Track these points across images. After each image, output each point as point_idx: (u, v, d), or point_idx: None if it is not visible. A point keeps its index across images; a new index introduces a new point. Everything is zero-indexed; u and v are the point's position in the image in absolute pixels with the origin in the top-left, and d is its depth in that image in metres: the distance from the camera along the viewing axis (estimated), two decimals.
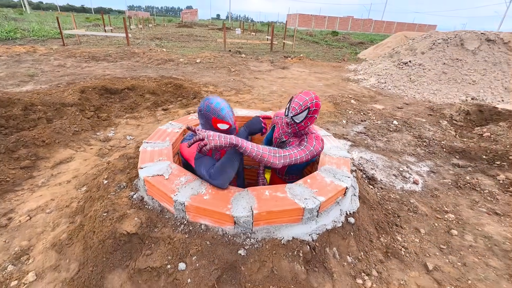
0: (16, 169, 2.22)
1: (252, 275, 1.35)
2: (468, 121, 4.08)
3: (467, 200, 2.32)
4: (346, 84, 6.44)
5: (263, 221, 1.46)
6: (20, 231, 1.70)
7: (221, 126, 1.50)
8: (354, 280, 1.44)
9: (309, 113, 1.50)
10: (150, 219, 1.54)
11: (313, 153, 1.58)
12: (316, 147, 1.59)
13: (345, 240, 1.61)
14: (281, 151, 1.53)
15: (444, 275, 1.52)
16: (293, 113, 1.51)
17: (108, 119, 3.36)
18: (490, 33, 6.35)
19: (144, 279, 1.36)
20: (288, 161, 1.52)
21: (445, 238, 1.84)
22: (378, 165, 2.88)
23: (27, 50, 7.58)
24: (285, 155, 1.52)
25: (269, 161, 1.47)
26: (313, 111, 1.50)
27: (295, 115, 1.51)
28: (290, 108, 1.55)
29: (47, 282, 1.38)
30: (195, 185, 1.58)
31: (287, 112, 1.56)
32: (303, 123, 1.54)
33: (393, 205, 2.19)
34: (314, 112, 1.51)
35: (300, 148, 1.58)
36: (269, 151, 1.48)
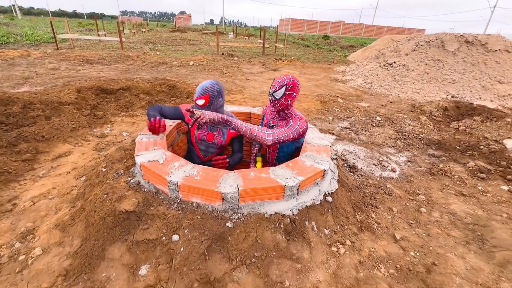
0: (18, 162, 2.35)
1: (238, 244, 1.52)
2: (446, 116, 4.34)
3: (438, 184, 2.54)
4: (334, 85, 6.70)
5: (248, 198, 1.64)
6: (25, 214, 1.84)
7: (198, 101, 1.82)
8: (330, 248, 1.62)
9: (287, 90, 1.71)
10: (146, 199, 1.70)
11: (299, 130, 1.82)
12: (301, 125, 1.83)
13: (323, 216, 1.79)
14: (269, 130, 1.76)
15: (409, 243, 1.71)
16: (273, 90, 1.73)
17: (104, 117, 3.50)
18: (468, 35, 6.71)
19: (141, 250, 1.52)
20: (277, 138, 1.76)
21: (415, 215, 2.05)
22: (360, 156, 3.09)
23: (21, 54, 7.65)
24: (273, 132, 1.76)
25: (259, 136, 1.71)
26: (290, 88, 1.72)
27: (275, 92, 1.73)
28: (271, 87, 1.77)
29: (52, 256, 1.53)
30: (187, 169, 1.75)
31: (269, 92, 1.80)
32: (283, 100, 1.76)
33: (371, 189, 2.39)
34: (292, 89, 1.73)
35: (287, 127, 1.82)
36: (258, 128, 1.72)
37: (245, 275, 1.42)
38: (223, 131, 2.02)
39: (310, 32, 47.70)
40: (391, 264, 1.54)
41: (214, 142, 2.03)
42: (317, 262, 1.52)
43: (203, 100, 1.80)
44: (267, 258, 1.49)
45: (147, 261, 1.48)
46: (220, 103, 1.89)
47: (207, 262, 1.46)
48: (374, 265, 1.53)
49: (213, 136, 2.02)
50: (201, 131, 2.02)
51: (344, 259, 1.56)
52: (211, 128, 2.01)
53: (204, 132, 2.02)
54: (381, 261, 1.56)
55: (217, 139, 2.03)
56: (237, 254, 1.48)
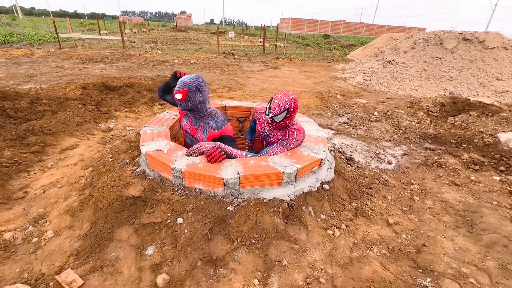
0: (27, 153, 2.45)
1: (239, 227, 1.61)
2: (443, 112, 4.42)
3: (432, 175, 2.63)
4: (334, 82, 6.79)
5: (248, 184, 1.73)
6: (36, 201, 1.94)
7: (177, 96, 1.72)
8: (326, 231, 1.71)
9: (288, 113, 1.70)
10: (151, 185, 1.80)
11: (297, 143, 1.92)
12: (299, 137, 1.89)
13: (319, 202, 1.88)
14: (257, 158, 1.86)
15: (401, 227, 1.80)
16: (273, 114, 1.69)
17: (109, 112, 3.60)
18: (466, 33, 6.78)
19: (147, 232, 1.61)
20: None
21: (408, 203, 2.13)
22: (357, 149, 3.17)
23: (24, 53, 7.76)
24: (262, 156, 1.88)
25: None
26: (291, 111, 1.71)
27: (275, 115, 1.70)
28: (270, 109, 1.71)
29: (64, 238, 1.62)
30: (190, 157, 1.84)
31: (268, 112, 1.76)
32: (282, 122, 1.76)
33: (367, 180, 2.47)
34: (293, 112, 1.72)
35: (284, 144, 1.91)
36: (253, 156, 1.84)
37: (245, 255, 1.51)
38: (204, 128, 1.92)
39: (311, 32, 47.70)
40: (384, 246, 1.63)
41: (196, 137, 1.98)
42: (313, 244, 1.61)
43: (181, 94, 1.70)
44: (266, 239, 1.58)
45: (153, 242, 1.57)
46: (199, 98, 1.77)
47: (210, 242, 1.55)
48: (367, 246, 1.62)
49: (195, 131, 1.96)
50: (186, 123, 1.98)
51: (339, 241, 1.64)
52: (194, 123, 1.94)
53: (188, 125, 1.97)
54: (374, 243, 1.65)
55: (198, 135, 1.96)
56: (238, 236, 1.58)
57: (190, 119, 1.99)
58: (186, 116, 2.01)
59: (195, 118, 1.93)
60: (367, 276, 1.37)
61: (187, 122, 2.00)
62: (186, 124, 2.01)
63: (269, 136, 2.03)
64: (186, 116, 2.01)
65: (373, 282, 1.33)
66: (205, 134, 1.96)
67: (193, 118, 1.96)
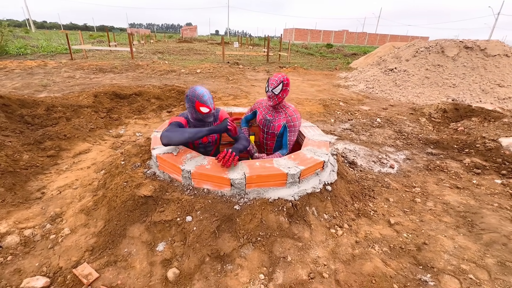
0: (44, 157, 2.58)
1: (245, 225, 1.68)
2: (445, 118, 4.47)
3: (434, 178, 2.67)
4: (337, 90, 6.90)
5: (254, 184, 1.81)
6: (53, 201, 2.04)
7: (203, 109, 1.82)
8: (329, 230, 1.77)
9: (283, 85, 2.01)
10: (162, 186, 1.89)
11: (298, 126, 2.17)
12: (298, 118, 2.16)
13: (323, 202, 1.95)
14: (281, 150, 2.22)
15: (403, 227, 1.85)
16: (272, 87, 2.00)
17: (119, 119, 3.75)
18: (467, 41, 6.88)
19: (158, 229, 1.70)
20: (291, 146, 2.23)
21: (410, 205, 2.18)
22: (360, 154, 3.24)
23: (38, 64, 8.10)
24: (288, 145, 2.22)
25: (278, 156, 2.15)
26: (285, 83, 2.03)
27: (274, 88, 2.01)
28: (269, 85, 2.02)
29: (80, 235, 1.71)
30: (199, 159, 1.94)
31: (268, 88, 2.04)
32: (280, 94, 2.03)
33: (369, 183, 2.53)
34: (287, 85, 2.04)
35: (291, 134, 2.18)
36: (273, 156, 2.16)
37: (251, 251, 1.58)
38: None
39: (314, 41, 48.40)
40: (385, 244, 1.68)
41: (209, 141, 2.09)
42: (316, 241, 1.67)
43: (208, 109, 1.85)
44: (271, 237, 1.65)
45: (163, 239, 1.66)
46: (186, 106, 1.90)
47: (217, 239, 1.63)
48: (369, 244, 1.67)
49: (206, 137, 2.05)
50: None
51: (341, 239, 1.70)
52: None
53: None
54: (375, 242, 1.70)
55: (210, 138, 2.08)
56: (244, 233, 1.65)
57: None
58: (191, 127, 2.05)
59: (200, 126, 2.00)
60: (368, 271, 1.42)
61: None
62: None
63: (271, 121, 2.18)
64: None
65: (374, 277, 1.38)
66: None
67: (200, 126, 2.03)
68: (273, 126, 2.21)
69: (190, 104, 1.84)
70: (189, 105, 1.85)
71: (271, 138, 2.28)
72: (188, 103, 1.86)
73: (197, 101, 1.82)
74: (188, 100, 1.85)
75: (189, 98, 1.84)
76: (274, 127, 2.22)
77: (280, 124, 2.18)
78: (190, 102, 1.84)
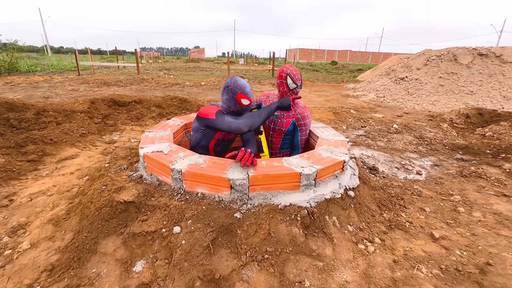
0: (23, 162, 2.29)
1: (248, 238, 1.31)
2: (469, 124, 4.08)
3: (473, 185, 2.26)
4: (346, 99, 6.61)
5: (259, 186, 1.46)
6: (20, 209, 1.72)
7: (244, 101, 1.70)
8: (356, 246, 1.37)
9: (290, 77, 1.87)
10: (147, 190, 1.55)
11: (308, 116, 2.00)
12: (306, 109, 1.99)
13: (345, 211, 1.57)
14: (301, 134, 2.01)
15: (452, 242, 1.44)
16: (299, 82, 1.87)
17: (115, 125, 3.49)
18: (481, 48, 6.62)
19: (138, 243, 1.34)
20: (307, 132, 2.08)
21: (452, 215, 1.77)
22: (380, 160, 2.85)
23: (44, 79, 8.15)
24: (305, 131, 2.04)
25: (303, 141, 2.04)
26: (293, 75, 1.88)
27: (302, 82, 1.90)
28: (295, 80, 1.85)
29: (41, 250, 1.36)
30: (193, 158, 1.62)
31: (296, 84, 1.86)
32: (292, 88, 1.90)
33: (396, 190, 2.13)
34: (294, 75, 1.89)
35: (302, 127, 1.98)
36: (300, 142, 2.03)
37: (257, 273, 1.20)
38: None
39: (318, 60, 49.28)
40: (434, 264, 1.27)
41: (229, 138, 1.91)
42: (342, 260, 1.27)
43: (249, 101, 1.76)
44: (282, 254, 1.27)
45: (143, 256, 1.29)
46: (222, 98, 1.76)
47: (212, 257, 1.25)
48: (412, 265, 1.26)
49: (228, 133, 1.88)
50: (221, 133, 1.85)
51: (374, 258, 1.30)
52: None
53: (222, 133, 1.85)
54: (420, 261, 1.29)
55: (230, 134, 1.89)
56: (247, 249, 1.27)
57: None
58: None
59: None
60: None
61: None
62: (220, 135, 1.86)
63: (278, 116, 1.97)
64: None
65: None
66: None
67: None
68: (281, 123, 1.96)
69: (231, 95, 1.70)
70: (229, 96, 1.71)
71: (277, 135, 2.01)
72: (228, 94, 1.71)
73: (239, 92, 1.68)
74: (229, 91, 1.70)
75: (230, 88, 1.69)
76: (282, 124, 1.96)
77: (289, 121, 1.96)
78: (231, 93, 1.70)
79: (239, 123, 1.60)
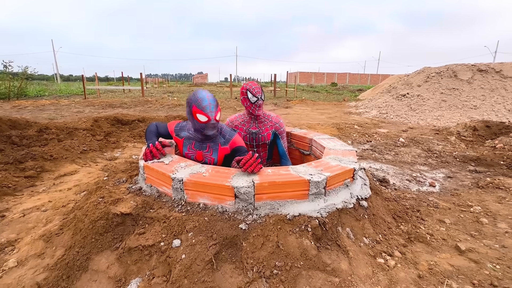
0: (20, 178, 2.22)
1: (255, 252, 1.19)
2: (477, 136, 3.99)
3: (492, 196, 2.12)
4: (349, 116, 6.60)
5: (265, 195, 1.36)
6: (11, 225, 1.61)
7: (200, 117, 1.48)
8: (374, 259, 1.24)
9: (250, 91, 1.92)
10: (146, 202, 1.46)
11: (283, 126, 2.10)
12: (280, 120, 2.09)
13: (359, 222, 1.44)
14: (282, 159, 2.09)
15: (480, 255, 1.29)
16: (260, 94, 1.89)
17: (117, 142, 3.46)
18: (480, 64, 6.71)
19: (134, 259, 1.22)
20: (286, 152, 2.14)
21: (475, 227, 1.63)
22: (389, 172, 2.74)
23: (51, 102, 8.33)
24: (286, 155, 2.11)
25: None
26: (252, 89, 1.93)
27: (262, 95, 1.93)
28: (255, 93, 1.88)
29: (27, 268, 1.25)
30: (195, 167, 1.54)
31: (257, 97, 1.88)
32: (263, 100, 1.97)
33: (411, 202, 2.00)
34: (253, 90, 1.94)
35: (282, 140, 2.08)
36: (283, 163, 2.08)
37: None
38: (213, 148, 1.67)
39: (318, 83, 50.46)
40: (464, 280, 1.12)
41: (205, 161, 1.69)
42: (360, 276, 1.13)
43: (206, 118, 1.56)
44: (293, 269, 1.13)
45: (139, 273, 1.17)
46: (186, 111, 1.61)
47: (215, 273, 1.12)
48: (440, 280, 1.12)
49: (202, 155, 1.69)
50: (190, 151, 1.70)
51: (396, 273, 1.16)
52: (199, 146, 1.68)
53: (192, 151, 1.69)
54: (448, 276, 1.15)
55: (207, 158, 1.68)
56: (254, 264, 1.15)
57: (192, 144, 1.69)
58: (186, 142, 1.70)
59: (199, 140, 1.66)
60: None
61: (189, 149, 1.69)
62: (188, 152, 1.70)
63: (257, 132, 2.01)
64: (186, 143, 1.70)
65: None
66: (214, 154, 1.69)
67: (196, 142, 1.68)
68: (263, 137, 2.03)
69: (188, 109, 1.55)
70: (188, 110, 1.56)
71: (263, 149, 2.08)
72: (187, 108, 1.57)
73: (194, 105, 1.49)
74: (186, 104, 1.56)
75: (187, 101, 1.54)
76: (264, 137, 2.03)
77: (269, 133, 2.04)
78: (188, 106, 1.55)
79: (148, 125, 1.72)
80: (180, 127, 1.72)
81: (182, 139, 1.71)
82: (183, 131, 1.71)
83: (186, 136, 1.69)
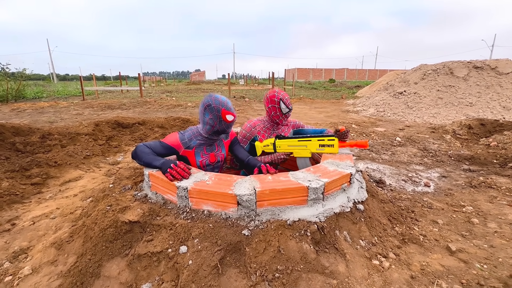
0: (27, 185, 2.28)
1: (257, 256, 1.26)
2: (472, 134, 4.07)
3: (484, 196, 2.20)
4: (346, 115, 6.67)
5: (267, 202, 1.43)
6: (22, 233, 1.68)
7: (229, 117, 1.59)
8: (370, 261, 1.32)
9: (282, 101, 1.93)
10: (152, 209, 1.53)
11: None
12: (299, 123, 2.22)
13: (356, 225, 1.52)
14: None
15: (470, 255, 1.37)
16: (291, 106, 1.91)
17: (119, 146, 3.51)
18: (476, 61, 6.77)
19: (143, 265, 1.29)
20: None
21: (466, 227, 1.71)
22: (386, 173, 2.82)
23: (50, 104, 8.34)
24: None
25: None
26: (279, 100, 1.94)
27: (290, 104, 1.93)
28: (288, 104, 1.89)
29: (42, 275, 1.31)
30: (198, 175, 1.60)
31: (288, 108, 1.90)
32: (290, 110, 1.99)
33: (406, 203, 2.08)
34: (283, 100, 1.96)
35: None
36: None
37: None
38: (220, 145, 1.81)
39: (316, 79, 50.41)
40: (453, 279, 1.20)
41: (218, 160, 1.80)
42: (357, 277, 1.21)
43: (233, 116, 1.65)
44: (294, 272, 1.21)
45: (149, 279, 1.24)
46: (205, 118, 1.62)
47: (220, 277, 1.20)
48: (431, 280, 1.20)
49: (214, 156, 1.78)
50: (203, 157, 1.74)
51: (390, 274, 1.24)
52: (210, 149, 1.76)
53: (205, 156, 1.75)
54: (439, 276, 1.23)
55: (219, 156, 1.80)
56: (257, 268, 1.22)
57: (203, 150, 1.73)
58: (198, 150, 1.73)
59: (211, 143, 1.75)
60: None
61: (203, 155, 1.74)
62: (203, 159, 1.74)
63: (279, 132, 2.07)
64: (198, 151, 1.73)
65: None
66: (223, 150, 1.83)
67: (207, 146, 1.75)
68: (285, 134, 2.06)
69: (215, 113, 1.57)
70: (214, 114, 1.58)
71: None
72: (212, 112, 1.57)
73: (223, 109, 1.57)
74: (212, 109, 1.57)
75: (212, 107, 1.56)
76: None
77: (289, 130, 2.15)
78: (215, 111, 1.57)
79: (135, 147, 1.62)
80: (188, 138, 1.69)
81: (193, 149, 1.71)
82: (192, 140, 1.69)
83: (196, 144, 1.71)
